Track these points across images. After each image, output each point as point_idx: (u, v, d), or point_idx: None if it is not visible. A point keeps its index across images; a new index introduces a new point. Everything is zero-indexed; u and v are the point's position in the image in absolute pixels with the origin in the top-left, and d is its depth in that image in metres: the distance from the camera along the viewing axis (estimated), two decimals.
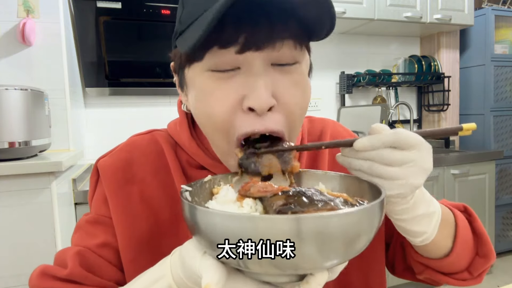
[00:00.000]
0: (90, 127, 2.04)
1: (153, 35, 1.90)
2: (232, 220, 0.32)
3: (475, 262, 0.55)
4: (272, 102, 0.44)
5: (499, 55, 2.68)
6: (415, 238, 0.49)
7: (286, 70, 0.46)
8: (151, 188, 0.56)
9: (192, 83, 0.49)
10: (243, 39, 0.43)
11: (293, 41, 0.45)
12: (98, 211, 0.57)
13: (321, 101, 2.58)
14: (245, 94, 0.44)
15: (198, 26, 0.42)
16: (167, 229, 0.56)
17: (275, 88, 0.45)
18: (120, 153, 0.59)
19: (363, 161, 0.43)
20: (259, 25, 0.43)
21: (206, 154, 0.56)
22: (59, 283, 0.51)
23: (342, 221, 0.32)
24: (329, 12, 0.41)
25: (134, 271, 0.52)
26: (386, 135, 0.42)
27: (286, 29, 0.44)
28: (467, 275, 0.55)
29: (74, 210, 1.51)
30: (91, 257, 0.53)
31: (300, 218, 0.30)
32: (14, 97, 1.26)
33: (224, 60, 0.44)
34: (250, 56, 0.44)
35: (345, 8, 2.16)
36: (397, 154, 0.41)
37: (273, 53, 0.44)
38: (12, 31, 1.48)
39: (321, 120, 0.68)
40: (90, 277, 0.51)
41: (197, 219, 0.34)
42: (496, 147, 2.67)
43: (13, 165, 1.19)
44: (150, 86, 1.99)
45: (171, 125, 0.62)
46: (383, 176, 0.42)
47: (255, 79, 0.44)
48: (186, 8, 0.48)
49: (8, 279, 1.21)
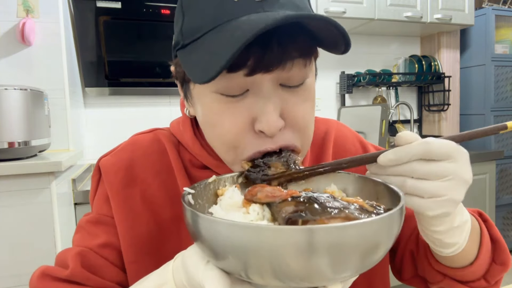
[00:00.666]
0: (89, 127, 2.03)
1: (153, 35, 1.89)
2: (237, 230, 0.30)
3: (492, 269, 0.53)
4: (281, 124, 0.44)
5: (500, 55, 2.68)
6: (447, 249, 0.46)
7: (294, 89, 0.46)
8: (153, 188, 0.56)
9: (199, 101, 0.48)
10: (253, 62, 0.41)
11: (303, 59, 0.44)
12: (100, 210, 0.56)
13: (321, 101, 2.58)
14: (254, 116, 0.44)
15: (209, 56, 0.40)
16: (169, 230, 0.55)
17: (284, 106, 0.45)
18: (122, 153, 0.58)
19: (393, 178, 0.40)
20: (269, 47, 0.41)
21: (210, 154, 0.55)
22: (60, 284, 0.50)
23: (359, 231, 0.29)
24: (341, 34, 0.40)
25: (136, 272, 0.52)
26: (414, 145, 0.38)
27: (296, 49, 0.43)
28: (484, 283, 0.53)
29: (74, 210, 1.51)
30: (92, 258, 0.52)
31: (313, 230, 0.28)
32: (14, 97, 1.26)
33: (233, 83, 0.43)
34: (259, 78, 0.43)
35: (345, 8, 2.15)
36: (432, 166, 0.38)
37: (283, 74, 0.43)
38: (11, 31, 1.48)
39: (325, 121, 0.67)
40: (91, 277, 0.51)
41: (200, 228, 0.33)
42: (497, 147, 2.67)
43: (13, 165, 1.19)
44: (150, 86, 1.99)
45: (173, 124, 0.61)
46: (419, 192, 0.38)
47: (265, 101, 0.43)
48: (188, 18, 0.45)
49: (8, 279, 1.21)
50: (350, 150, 0.64)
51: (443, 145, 0.38)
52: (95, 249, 0.53)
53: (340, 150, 0.64)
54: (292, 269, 0.29)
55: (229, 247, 0.30)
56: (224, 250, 0.31)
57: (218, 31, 0.41)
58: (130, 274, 0.53)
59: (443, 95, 2.70)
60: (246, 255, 0.30)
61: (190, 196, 0.41)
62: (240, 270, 0.32)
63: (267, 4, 0.42)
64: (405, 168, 0.39)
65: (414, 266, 0.60)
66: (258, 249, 0.29)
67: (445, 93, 2.69)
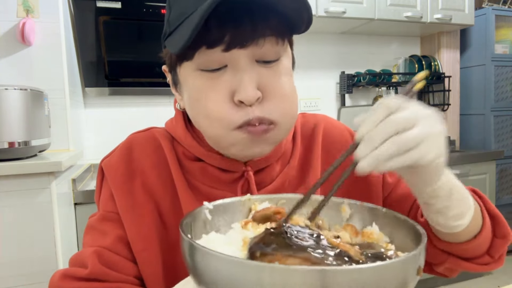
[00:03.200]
0: (89, 127, 2.03)
1: (153, 35, 1.90)
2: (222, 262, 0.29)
3: (494, 243, 0.54)
4: (258, 94, 0.48)
5: (500, 55, 2.68)
6: (464, 219, 0.47)
7: (270, 65, 0.50)
8: (151, 180, 0.58)
9: (185, 82, 0.53)
10: (228, 38, 0.46)
11: (275, 37, 0.49)
12: (106, 208, 0.58)
13: (321, 101, 2.58)
14: (234, 89, 0.49)
15: (186, 27, 0.46)
16: (170, 220, 0.58)
17: (261, 80, 0.49)
18: (121, 151, 0.61)
19: (374, 160, 0.38)
20: (242, 24, 0.46)
21: (201, 145, 0.58)
22: (82, 283, 0.52)
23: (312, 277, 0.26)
24: (305, 5, 0.45)
25: (146, 260, 0.55)
26: (375, 110, 0.39)
27: (267, 26, 0.48)
28: (489, 259, 0.54)
29: (74, 210, 1.51)
30: (108, 255, 0.54)
31: (267, 267, 0.27)
32: (14, 97, 1.26)
33: (212, 58, 0.48)
34: (235, 53, 0.48)
35: (345, 8, 2.15)
36: (405, 113, 0.38)
37: (257, 50, 0.48)
38: (11, 31, 1.48)
39: (313, 116, 0.70)
40: (111, 274, 0.53)
41: (195, 257, 0.32)
42: (497, 147, 2.67)
43: (13, 165, 1.19)
44: (150, 86, 1.99)
45: (168, 122, 0.64)
46: (401, 145, 0.37)
47: (242, 74, 0.48)
48: (173, 10, 0.51)
49: (8, 279, 1.21)
50: (339, 140, 0.66)
51: (394, 98, 0.40)
52: (109, 246, 0.55)
53: (329, 140, 0.66)
54: None
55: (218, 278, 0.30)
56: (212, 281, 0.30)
57: (194, 15, 0.46)
58: (140, 262, 0.56)
59: (443, 95, 2.70)
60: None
61: (208, 211, 0.42)
62: None
63: None
64: (384, 130, 0.38)
65: None
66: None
67: (445, 93, 2.69)
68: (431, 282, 2.33)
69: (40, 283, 1.24)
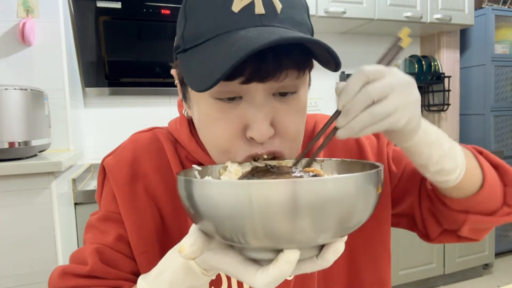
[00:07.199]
0: (90, 127, 2.04)
1: (153, 35, 1.89)
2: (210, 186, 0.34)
3: (507, 193, 0.54)
4: (271, 133, 0.46)
5: (500, 55, 2.68)
6: (450, 175, 0.49)
7: (286, 98, 0.48)
8: (154, 183, 0.58)
9: (196, 104, 0.51)
10: (249, 72, 0.43)
11: (297, 70, 0.46)
12: (108, 207, 0.58)
13: (321, 101, 2.58)
14: (246, 124, 0.47)
15: (212, 66, 0.41)
16: (171, 224, 0.58)
17: (275, 116, 0.47)
18: (124, 151, 0.61)
19: (354, 123, 0.42)
20: (265, 59, 0.43)
21: (204, 151, 0.58)
22: (82, 280, 0.53)
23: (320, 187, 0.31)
24: (328, 50, 0.42)
25: (146, 263, 0.55)
26: (350, 80, 0.42)
27: (290, 61, 0.45)
28: (507, 209, 0.54)
29: (74, 210, 1.51)
30: (109, 253, 0.55)
31: (251, 184, 0.32)
32: (14, 97, 1.26)
33: (229, 89, 0.46)
34: (253, 87, 0.45)
35: (345, 8, 2.15)
36: (380, 84, 0.41)
37: (276, 84, 0.46)
38: (12, 31, 1.48)
39: (313, 116, 0.70)
40: (111, 271, 0.53)
41: (193, 192, 0.35)
42: (497, 147, 2.67)
43: (13, 165, 1.19)
44: (150, 86, 1.99)
45: (171, 123, 0.64)
46: (376, 116, 0.40)
47: (257, 110, 0.46)
48: (189, 23, 0.47)
49: (8, 279, 1.21)
50: (339, 139, 0.66)
51: (371, 66, 0.43)
52: (110, 244, 0.55)
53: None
54: (279, 226, 0.32)
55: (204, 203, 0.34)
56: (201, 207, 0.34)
57: (217, 42, 0.43)
58: (140, 264, 0.56)
59: (443, 95, 2.70)
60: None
61: (197, 172, 0.45)
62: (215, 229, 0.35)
63: (265, 18, 0.43)
64: (361, 99, 0.41)
65: (437, 221, 0.60)
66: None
67: (445, 93, 2.69)
68: (431, 282, 2.33)
69: (40, 283, 1.24)
